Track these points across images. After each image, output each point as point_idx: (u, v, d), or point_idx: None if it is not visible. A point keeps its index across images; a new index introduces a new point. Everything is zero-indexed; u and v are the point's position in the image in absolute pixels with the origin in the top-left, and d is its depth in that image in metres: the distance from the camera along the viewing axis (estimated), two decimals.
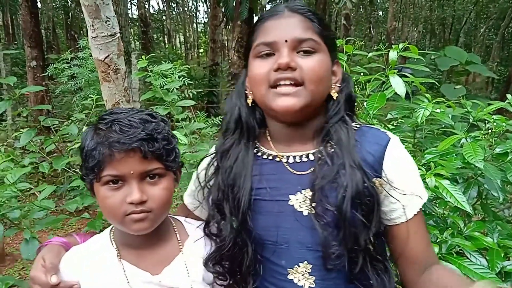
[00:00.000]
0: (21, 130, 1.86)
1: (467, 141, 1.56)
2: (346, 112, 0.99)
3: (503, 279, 1.35)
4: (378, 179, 0.93)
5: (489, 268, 1.32)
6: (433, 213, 1.56)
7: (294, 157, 0.99)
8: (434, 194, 1.37)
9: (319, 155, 0.95)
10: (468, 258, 1.36)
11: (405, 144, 1.69)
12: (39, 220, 1.75)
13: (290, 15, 0.95)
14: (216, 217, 1.01)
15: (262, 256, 0.98)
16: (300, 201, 0.94)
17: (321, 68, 0.93)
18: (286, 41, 0.92)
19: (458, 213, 1.51)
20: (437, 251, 1.34)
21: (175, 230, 1.04)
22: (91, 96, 2.28)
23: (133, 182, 0.89)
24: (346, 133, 0.95)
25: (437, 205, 1.57)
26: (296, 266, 0.94)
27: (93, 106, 2.24)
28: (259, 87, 0.96)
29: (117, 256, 0.96)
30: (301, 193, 0.95)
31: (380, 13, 21.36)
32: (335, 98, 0.99)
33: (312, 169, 0.95)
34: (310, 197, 0.92)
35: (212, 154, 1.08)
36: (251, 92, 1.02)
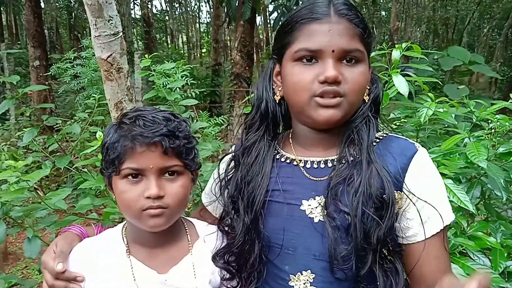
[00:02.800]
0: (24, 129, 1.86)
1: (470, 140, 1.55)
2: (371, 113, 0.96)
3: (506, 279, 1.35)
4: (398, 191, 0.88)
5: (493, 268, 1.32)
6: None
7: (312, 162, 0.97)
8: None
9: (340, 161, 0.93)
10: (471, 258, 1.35)
11: None
12: (42, 219, 1.75)
13: (338, 21, 0.87)
14: (230, 213, 1.01)
15: (267, 258, 0.96)
16: (312, 207, 0.92)
17: (364, 79, 0.92)
18: (333, 51, 0.87)
19: (461, 213, 1.50)
20: None
21: (186, 231, 1.05)
22: (94, 95, 2.29)
23: (151, 177, 0.90)
24: (367, 132, 0.93)
25: None
26: (299, 273, 0.92)
27: (96, 105, 2.25)
28: (300, 95, 0.91)
29: (126, 252, 0.97)
30: (314, 199, 0.92)
31: (383, 13, 21.31)
32: (367, 101, 0.96)
33: (329, 175, 0.92)
34: (323, 204, 0.90)
35: (233, 151, 1.07)
36: (279, 89, 0.99)
